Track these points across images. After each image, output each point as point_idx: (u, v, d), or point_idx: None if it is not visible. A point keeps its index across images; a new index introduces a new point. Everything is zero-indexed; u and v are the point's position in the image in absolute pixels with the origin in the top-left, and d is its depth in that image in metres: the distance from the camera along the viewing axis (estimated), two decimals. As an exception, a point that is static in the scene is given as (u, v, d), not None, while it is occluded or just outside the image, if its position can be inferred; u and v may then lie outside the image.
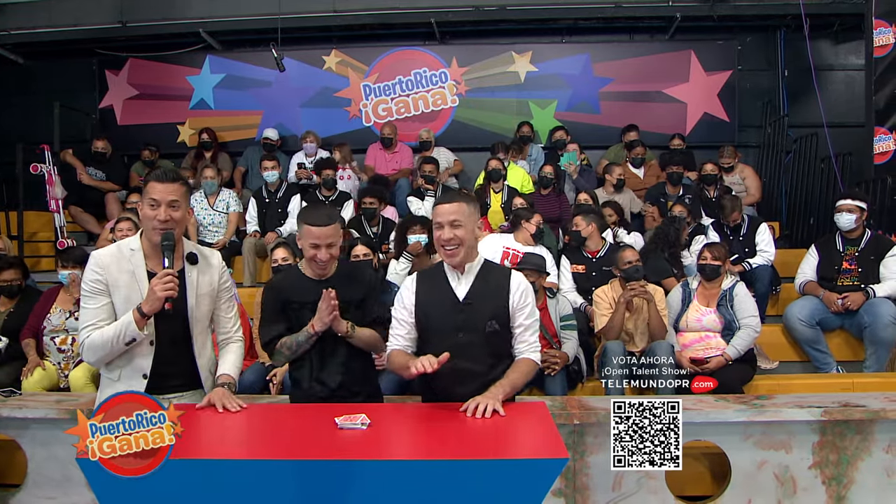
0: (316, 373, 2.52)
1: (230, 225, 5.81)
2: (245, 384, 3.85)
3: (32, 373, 4.00)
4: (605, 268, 4.59)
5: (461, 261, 2.36)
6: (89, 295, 2.25)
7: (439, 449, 1.86)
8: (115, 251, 2.30)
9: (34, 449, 3.07)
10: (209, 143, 6.84)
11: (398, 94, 7.27)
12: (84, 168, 6.48)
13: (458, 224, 2.32)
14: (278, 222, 5.76)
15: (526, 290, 2.35)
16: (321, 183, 5.86)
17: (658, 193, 5.81)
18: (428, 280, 2.45)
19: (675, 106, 7.07)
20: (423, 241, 4.52)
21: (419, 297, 2.42)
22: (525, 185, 6.19)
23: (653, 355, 3.71)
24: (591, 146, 6.90)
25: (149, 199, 2.26)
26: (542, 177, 5.89)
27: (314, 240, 2.45)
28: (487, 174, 5.93)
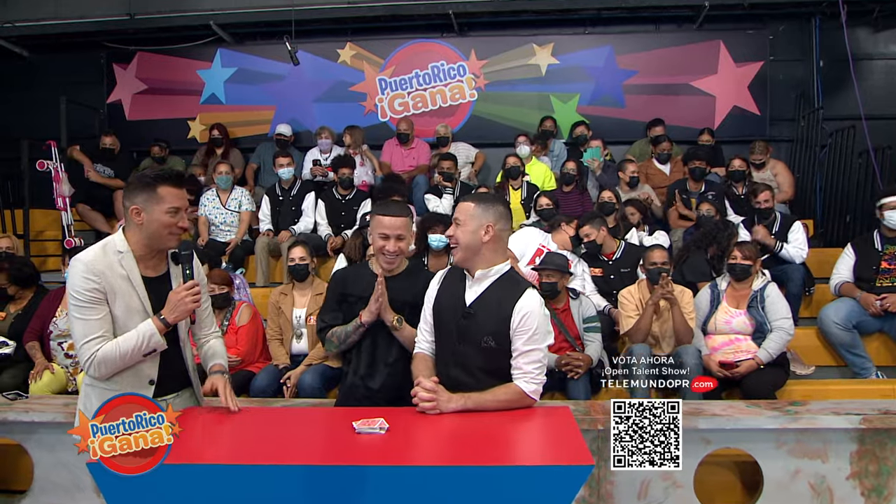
0: (362, 370, 2.56)
1: (242, 224, 5.85)
2: (258, 387, 3.89)
3: (41, 376, 4.02)
4: (623, 269, 4.59)
5: (463, 262, 2.34)
6: (87, 305, 2.16)
7: (459, 454, 1.87)
8: (101, 254, 2.23)
9: (41, 454, 3.08)
10: (220, 139, 6.89)
11: (415, 88, 7.28)
12: (92, 165, 6.55)
13: (458, 222, 2.34)
14: (292, 220, 5.79)
15: (530, 314, 2.23)
16: (337, 181, 5.90)
17: (680, 189, 5.77)
18: (450, 278, 2.46)
19: (704, 99, 7.00)
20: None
21: (439, 293, 2.43)
22: (547, 181, 6.19)
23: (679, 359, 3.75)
24: (616, 141, 6.85)
25: (168, 206, 2.24)
26: (564, 173, 5.89)
27: (383, 230, 2.50)
28: (506, 171, 5.94)
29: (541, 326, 2.26)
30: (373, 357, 2.55)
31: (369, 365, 2.55)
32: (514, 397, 2.21)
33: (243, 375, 4.06)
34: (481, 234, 2.32)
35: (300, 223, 5.76)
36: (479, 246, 2.33)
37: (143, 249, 2.29)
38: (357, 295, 2.57)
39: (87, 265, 2.19)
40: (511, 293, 2.29)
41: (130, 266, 2.26)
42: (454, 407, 2.16)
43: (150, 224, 2.25)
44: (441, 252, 4.76)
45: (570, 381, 3.82)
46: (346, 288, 2.60)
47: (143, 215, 2.25)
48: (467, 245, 2.32)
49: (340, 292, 2.61)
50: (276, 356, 4.20)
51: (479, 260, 2.33)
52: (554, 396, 3.92)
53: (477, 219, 2.32)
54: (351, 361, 2.61)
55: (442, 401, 2.17)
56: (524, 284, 2.36)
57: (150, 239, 2.27)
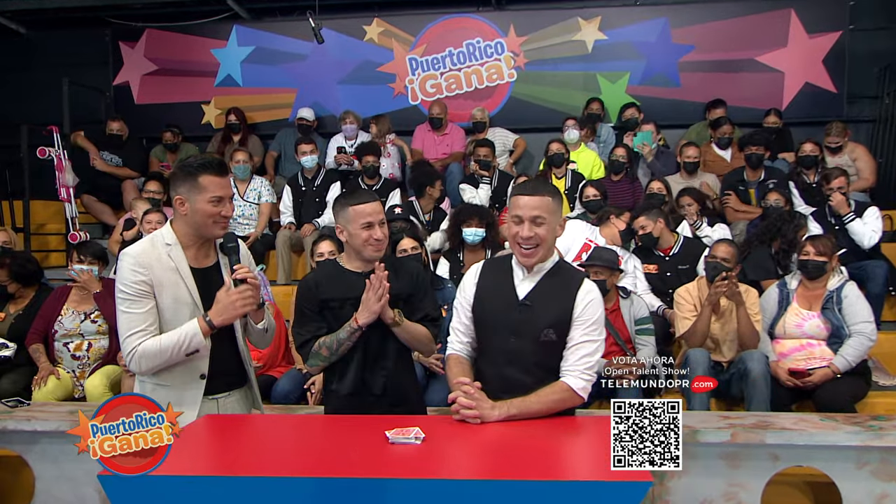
0: (359, 376, 2.54)
1: (262, 216, 5.93)
2: (280, 393, 3.94)
3: (45, 382, 4.04)
4: (681, 266, 4.55)
5: (537, 262, 2.34)
6: (133, 298, 2.30)
7: (504, 467, 1.86)
8: (149, 247, 2.38)
9: (43, 466, 3.07)
10: (237, 125, 6.98)
11: (448, 68, 7.28)
12: (97, 152, 6.65)
13: (540, 221, 2.29)
14: (316, 213, 5.85)
15: (594, 302, 2.30)
16: (362, 170, 5.94)
17: (736, 179, 5.68)
18: (493, 271, 2.45)
19: (770, 76, 6.85)
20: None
21: (480, 289, 2.43)
22: (595, 169, 6.15)
23: (743, 366, 3.72)
24: (670, 125, 6.78)
25: (210, 196, 2.34)
26: (612, 161, 5.86)
27: (367, 218, 2.50)
28: (549, 158, 5.93)
29: (600, 318, 2.31)
30: (367, 361, 2.54)
31: (365, 370, 2.55)
32: (561, 396, 2.21)
33: (264, 380, 4.10)
34: (557, 229, 2.35)
35: (325, 216, 5.80)
36: (553, 244, 2.36)
37: (189, 240, 2.41)
38: (340, 298, 2.53)
39: (135, 258, 2.33)
40: (570, 280, 2.34)
41: (178, 257, 2.38)
42: (498, 416, 2.17)
43: (194, 214, 2.37)
44: (477, 247, 4.77)
45: (620, 388, 3.75)
46: (324, 293, 2.55)
47: (187, 205, 2.37)
48: (547, 245, 2.33)
49: (320, 299, 2.55)
50: (299, 360, 4.24)
51: (546, 255, 2.36)
52: (602, 405, 3.89)
53: (556, 214, 2.33)
54: (337, 371, 2.57)
55: (486, 409, 2.17)
56: (581, 273, 2.42)
57: (195, 229, 2.39)
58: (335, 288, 2.55)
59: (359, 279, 2.53)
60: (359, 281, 2.52)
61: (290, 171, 6.44)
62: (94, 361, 4.22)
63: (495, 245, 4.80)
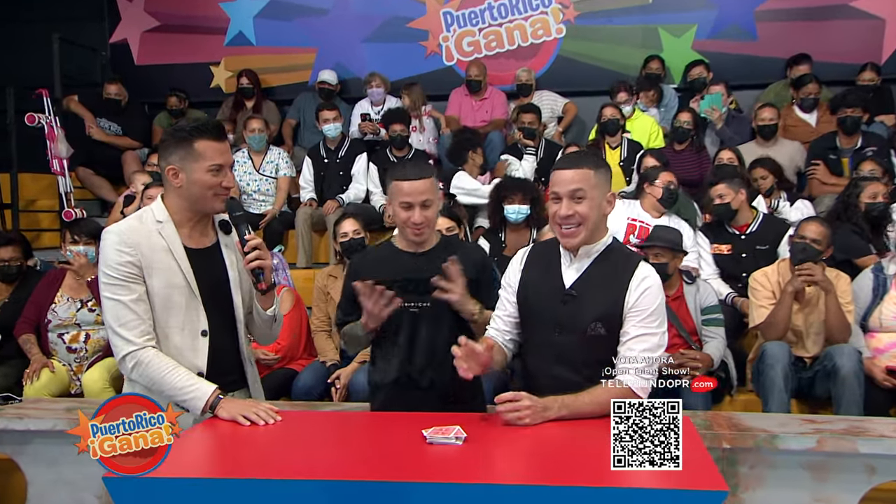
0: (403, 367, 2.58)
1: (280, 192, 5.96)
2: (302, 389, 3.99)
3: (38, 375, 4.07)
4: (759, 246, 4.48)
5: (580, 243, 2.32)
6: (119, 283, 2.26)
7: (556, 472, 1.84)
8: (137, 224, 2.34)
9: (36, 470, 3.06)
10: (251, 90, 7.00)
11: (488, 23, 7.22)
12: (94, 119, 6.70)
13: (580, 197, 2.27)
14: (340, 188, 5.87)
15: (651, 290, 2.27)
16: (389, 140, 5.93)
17: (826, 147, 5.57)
18: (539, 256, 2.45)
19: (868, 24, 6.67)
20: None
21: (525, 274, 2.42)
22: (654, 138, 6.10)
23: (831, 362, 3.64)
24: (744, 85, 6.67)
25: (209, 164, 2.30)
26: (676, 127, 5.80)
27: (405, 198, 2.51)
28: (601, 125, 5.88)
29: (660, 307, 2.27)
30: (414, 351, 2.58)
31: (410, 361, 2.58)
32: (616, 395, 2.17)
33: (284, 374, 4.15)
34: (605, 206, 2.32)
35: (349, 191, 5.83)
36: (600, 222, 2.33)
37: (185, 216, 2.37)
38: (387, 280, 2.55)
39: (119, 236, 2.29)
40: (623, 266, 2.31)
41: (171, 236, 2.33)
42: (550, 416, 2.15)
43: (190, 186, 2.32)
44: (520, 226, 4.75)
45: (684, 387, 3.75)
46: (371, 272, 2.59)
47: (182, 176, 2.32)
48: (594, 224, 2.30)
49: (364, 280, 2.58)
50: (322, 351, 4.27)
51: (593, 236, 2.33)
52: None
53: (601, 188, 2.30)
54: (380, 361, 2.65)
55: (537, 409, 2.14)
56: (636, 255, 2.39)
57: (191, 203, 2.35)
58: (383, 268, 2.60)
59: (410, 259, 2.59)
60: (410, 261, 2.59)
61: (311, 142, 6.47)
62: (93, 354, 4.27)
63: (541, 223, 4.77)
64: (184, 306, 2.33)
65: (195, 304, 2.35)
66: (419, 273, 2.55)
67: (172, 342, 2.34)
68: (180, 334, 2.34)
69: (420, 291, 2.56)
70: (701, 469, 1.82)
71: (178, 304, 2.32)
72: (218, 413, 2.24)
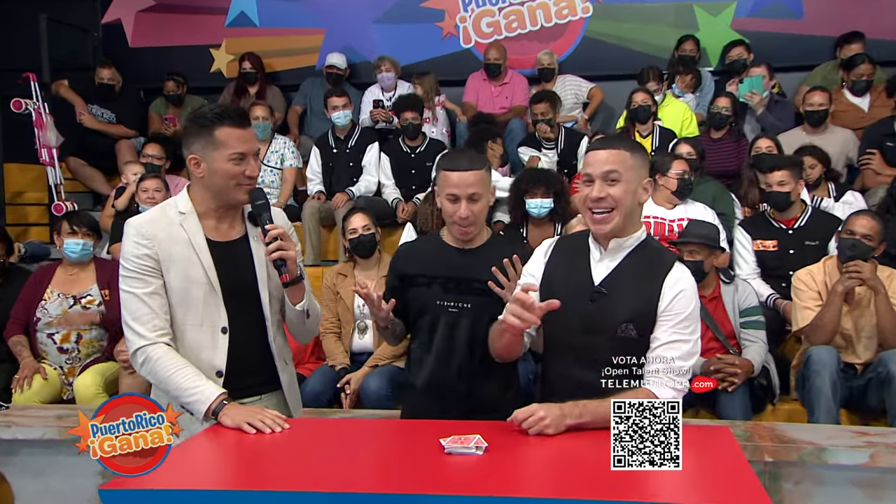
0: (436, 370, 2.60)
1: (286, 184, 5.98)
2: (310, 395, 4.00)
3: (30, 382, 4.08)
4: (808, 242, 4.44)
5: (614, 230, 2.29)
6: (135, 275, 2.33)
7: (585, 486, 1.82)
8: (160, 216, 2.40)
9: (24, 481, 3.09)
10: (253, 74, 7.01)
11: (508, 1, 7.20)
12: (85, 105, 6.70)
13: (614, 179, 2.24)
14: (350, 180, 5.88)
15: (685, 293, 2.25)
16: (401, 128, 5.93)
17: (882, 133, 5.52)
18: (566, 249, 2.43)
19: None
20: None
21: (550, 266, 2.40)
22: (687, 125, 6.06)
23: (885, 369, 3.61)
24: (788, 67, 6.60)
25: (231, 153, 2.33)
26: (713, 114, 5.77)
27: (452, 189, 2.51)
28: (631, 112, 5.86)
29: (694, 312, 2.25)
30: (450, 353, 2.59)
31: (444, 363, 2.59)
32: None
33: (290, 379, 4.17)
34: (640, 192, 2.29)
35: (360, 183, 5.84)
36: (635, 210, 2.31)
37: (209, 207, 2.41)
38: (429, 274, 2.62)
39: (138, 228, 2.35)
40: (658, 264, 2.29)
41: (193, 229, 2.38)
42: (566, 425, 2.13)
43: (213, 176, 2.36)
44: (543, 221, 4.73)
45: (723, 393, 3.77)
46: (412, 266, 2.65)
47: (203, 166, 2.36)
48: (629, 210, 2.27)
49: (404, 273, 2.67)
50: (331, 355, 4.28)
51: (627, 226, 2.31)
52: (699, 414, 3.87)
53: (637, 172, 2.27)
54: (414, 361, 2.68)
55: (553, 417, 2.12)
56: (670, 254, 2.38)
57: (214, 194, 2.39)
58: (425, 261, 2.64)
59: (458, 255, 2.61)
60: (457, 257, 2.60)
61: (319, 130, 6.49)
62: (87, 357, 4.28)
63: (566, 218, 4.75)
64: (201, 301, 2.36)
65: (214, 299, 2.37)
66: (464, 271, 2.57)
67: (189, 338, 2.37)
68: (198, 331, 2.37)
69: (461, 291, 2.58)
70: (742, 484, 1.80)
71: (196, 299, 2.36)
72: (221, 420, 2.24)
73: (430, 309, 2.61)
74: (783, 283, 4.37)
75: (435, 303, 2.60)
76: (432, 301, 2.59)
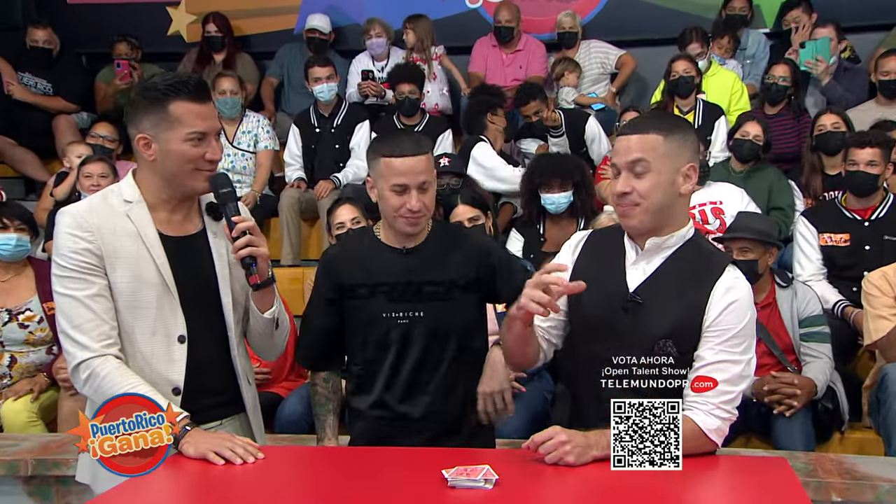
0: (384, 392, 2.61)
1: (260, 170, 5.97)
2: (288, 419, 4.03)
3: None
4: (888, 237, 4.45)
5: (643, 227, 2.29)
6: (74, 275, 2.28)
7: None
8: (100, 204, 2.36)
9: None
10: (219, 39, 6.98)
11: (523, -47, 7.18)
12: (14, 73, 6.70)
13: (641, 171, 2.23)
14: (335, 165, 5.90)
15: (739, 304, 2.24)
16: (396, 103, 5.94)
17: None
18: (598, 247, 2.42)
19: None
20: None
21: (579, 265, 2.39)
22: (736, 99, 6.07)
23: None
24: (859, 27, 6.60)
25: (187, 132, 2.29)
26: (768, 84, 5.79)
27: (398, 178, 2.50)
28: (670, 84, 5.87)
29: (748, 327, 2.24)
30: (403, 372, 2.61)
31: (396, 385, 2.61)
32: (683, 437, 2.13)
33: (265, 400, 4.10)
34: (679, 182, 2.26)
35: (347, 169, 5.86)
36: (672, 203, 2.28)
37: (160, 197, 2.38)
38: (369, 283, 2.60)
39: (75, 218, 2.30)
40: (705, 269, 2.28)
41: (142, 220, 2.34)
42: (592, 456, 2.13)
43: (166, 159, 2.32)
44: (562, 218, 4.75)
45: (779, 419, 3.78)
46: (346, 273, 2.63)
47: (155, 147, 2.32)
48: (660, 205, 2.25)
49: (339, 283, 2.63)
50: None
51: (663, 222, 2.29)
52: (750, 442, 3.89)
53: (673, 158, 2.24)
54: (357, 381, 2.69)
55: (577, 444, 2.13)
56: (722, 256, 2.38)
57: (168, 181, 2.35)
58: (363, 268, 2.61)
59: (397, 258, 2.59)
60: (397, 260, 2.59)
61: (298, 106, 6.50)
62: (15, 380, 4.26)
63: (590, 212, 4.75)
64: (154, 305, 2.33)
65: (170, 302, 2.35)
66: (412, 274, 2.57)
67: (140, 350, 2.34)
68: (150, 340, 2.34)
69: (411, 298, 2.58)
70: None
71: (148, 303, 2.32)
72: (183, 449, 2.21)
73: (375, 324, 2.59)
74: (854, 286, 4.34)
75: (381, 315, 2.58)
76: (377, 314, 2.58)
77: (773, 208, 4.98)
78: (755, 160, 5.08)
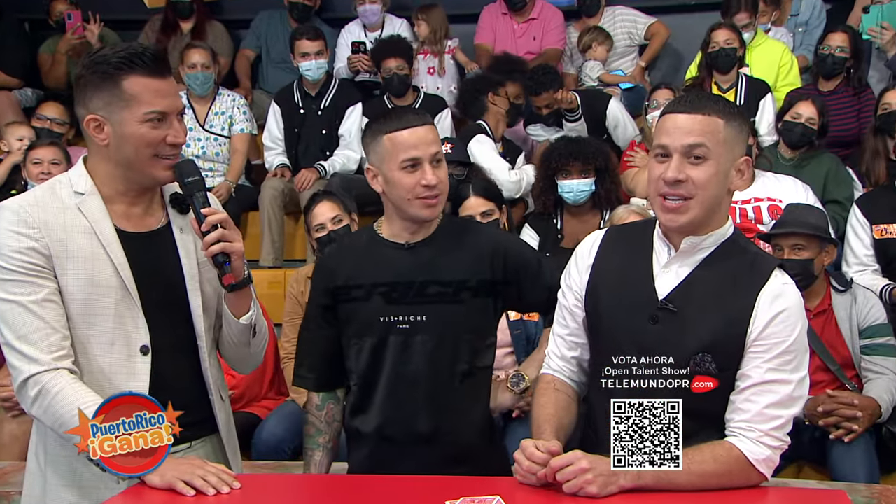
0: (388, 411, 2.62)
1: (235, 156, 6.00)
2: (269, 442, 4.05)
3: None
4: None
5: (691, 225, 2.28)
6: (19, 278, 2.26)
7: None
8: (47, 197, 2.34)
9: None
10: (187, 4, 6.96)
11: None
12: None
13: (700, 156, 2.21)
14: (321, 152, 5.92)
15: (788, 313, 2.23)
16: (384, 82, 5.98)
17: None
18: (620, 247, 2.43)
19: None
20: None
21: (598, 273, 2.40)
22: (785, 73, 6.09)
23: None
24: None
25: (145, 111, 2.28)
26: (823, 56, 5.79)
27: (409, 152, 2.50)
28: (709, 57, 5.88)
29: (799, 340, 2.23)
30: (404, 385, 2.61)
31: (397, 400, 2.63)
32: (727, 468, 2.18)
33: (242, 421, 4.12)
34: (733, 176, 2.27)
35: (336, 157, 5.88)
36: (721, 200, 2.29)
37: (116, 188, 2.37)
38: (368, 283, 2.62)
39: (17, 213, 2.29)
40: (748, 273, 2.27)
41: (96, 214, 2.33)
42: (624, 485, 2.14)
43: (120, 144, 2.30)
44: (583, 210, 4.76)
45: (838, 444, 3.77)
46: (343, 275, 2.64)
47: (108, 129, 2.30)
48: (713, 201, 2.25)
49: (335, 286, 2.65)
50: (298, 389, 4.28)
51: (710, 219, 2.28)
52: (802, 471, 3.90)
53: (730, 148, 2.25)
54: (358, 401, 2.69)
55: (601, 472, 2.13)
56: (767, 259, 2.35)
57: (124, 169, 2.34)
58: (359, 266, 2.62)
59: (401, 255, 2.59)
60: (400, 257, 2.59)
61: (280, 83, 6.50)
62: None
63: (613, 203, 4.74)
64: (112, 312, 2.32)
65: (130, 308, 2.34)
66: (415, 272, 2.57)
67: (97, 363, 2.33)
68: (108, 351, 2.34)
69: (412, 300, 2.58)
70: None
71: (104, 309, 2.31)
72: (146, 478, 2.22)
73: (371, 328, 2.60)
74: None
75: (378, 319, 2.58)
76: (374, 317, 2.58)
77: (830, 201, 4.96)
78: (808, 146, 5.06)
